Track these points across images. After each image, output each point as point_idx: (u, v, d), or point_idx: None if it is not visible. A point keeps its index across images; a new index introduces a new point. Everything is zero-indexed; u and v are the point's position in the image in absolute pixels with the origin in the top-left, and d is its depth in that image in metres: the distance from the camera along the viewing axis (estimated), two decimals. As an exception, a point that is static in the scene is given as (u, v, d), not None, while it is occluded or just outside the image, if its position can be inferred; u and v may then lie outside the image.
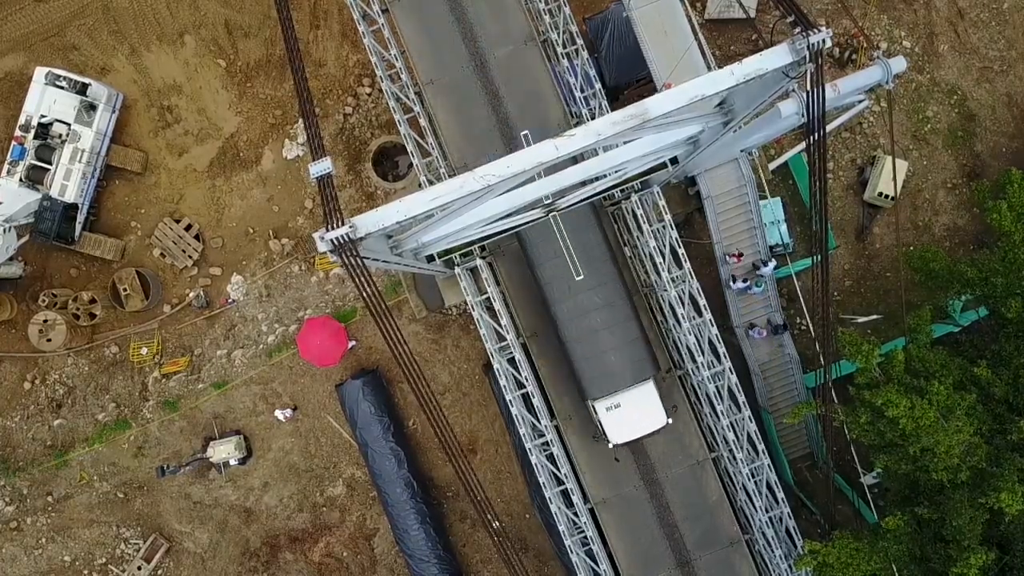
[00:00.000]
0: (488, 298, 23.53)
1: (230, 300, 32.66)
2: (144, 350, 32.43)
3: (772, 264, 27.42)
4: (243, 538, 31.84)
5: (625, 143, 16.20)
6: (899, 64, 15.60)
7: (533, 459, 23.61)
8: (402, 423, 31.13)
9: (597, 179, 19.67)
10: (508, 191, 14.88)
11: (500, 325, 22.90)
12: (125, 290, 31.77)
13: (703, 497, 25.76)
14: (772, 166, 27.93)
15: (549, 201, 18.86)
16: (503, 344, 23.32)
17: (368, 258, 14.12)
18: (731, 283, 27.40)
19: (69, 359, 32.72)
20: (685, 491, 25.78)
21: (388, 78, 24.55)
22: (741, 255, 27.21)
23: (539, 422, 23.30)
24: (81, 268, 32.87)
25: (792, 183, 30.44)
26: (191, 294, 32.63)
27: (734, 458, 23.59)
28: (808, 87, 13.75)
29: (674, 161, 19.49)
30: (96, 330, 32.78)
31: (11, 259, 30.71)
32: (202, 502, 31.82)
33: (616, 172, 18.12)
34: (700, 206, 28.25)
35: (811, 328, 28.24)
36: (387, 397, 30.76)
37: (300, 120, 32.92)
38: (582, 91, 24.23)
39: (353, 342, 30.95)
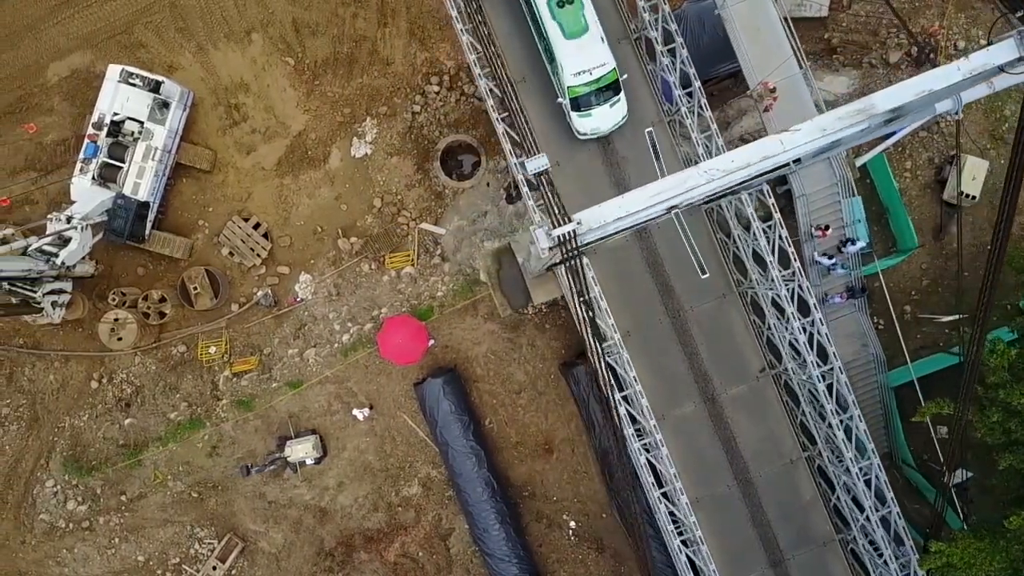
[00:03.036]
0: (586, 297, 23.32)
1: (298, 299, 32.51)
2: (212, 349, 32.28)
3: (860, 243, 27.28)
4: (318, 538, 31.72)
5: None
6: (1054, 62, 15.42)
7: (642, 459, 23.48)
8: (479, 422, 31.00)
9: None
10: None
11: (607, 324, 22.77)
12: (195, 289, 31.66)
13: (796, 496, 25.72)
14: (859, 162, 27.85)
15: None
16: (609, 344, 23.17)
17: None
18: (816, 259, 27.28)
19: (136, 358, 32.57)
20: (778, 490, 25.73)
21: (485, 76, 24.35)
22: (828, 228, 27.05)
23: (647, 421, 23.18)
24: (148, 267, 32.69)
25: (869, 182, 30.39)
26: (259, 293, 32.47)
27: (839, 458, 23.51)
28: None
29: (797, 160, 19.35)
30: (163, 329, 32.63)
31: (83, 258, 30.53)
32: (277, 502, 31.68)
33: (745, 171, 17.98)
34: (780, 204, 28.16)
35: (897, 326, 28.18)
36: (464, 396, 30.64)
37: (368, 119, 32.83)
38: (680, 88, 24.11)
39: (432, 340, 30.82)
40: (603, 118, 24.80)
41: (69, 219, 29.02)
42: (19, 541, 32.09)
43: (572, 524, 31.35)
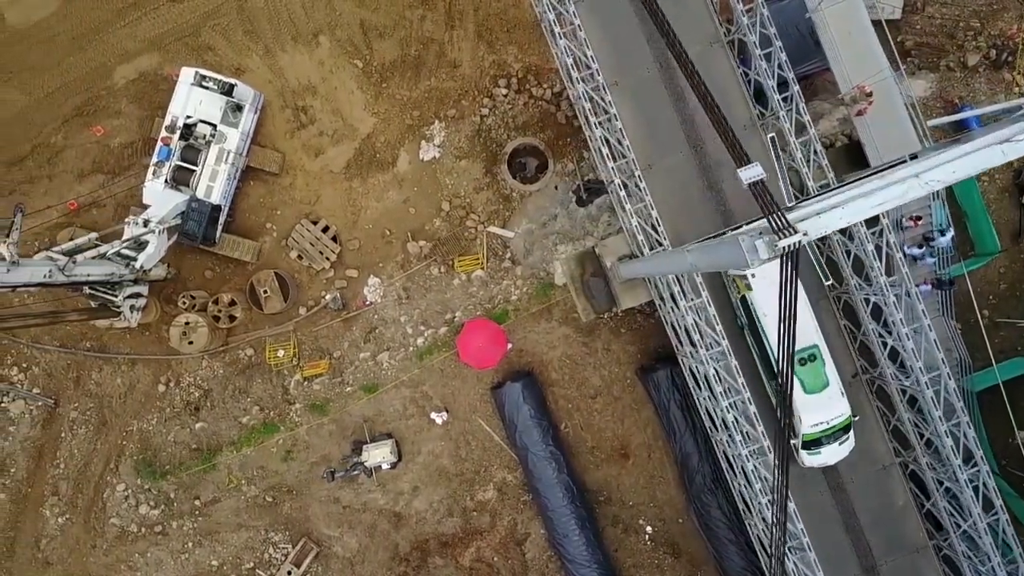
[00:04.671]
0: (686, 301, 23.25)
1: (367, 302, 32.39)
2: (281, 352, 32.16)
3: (950, 233, 27.14)
4: (392, 542, 31.59)
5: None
6: None
7: (750, 466, 23.33)
8: (555, 427, 30.87)
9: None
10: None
11: (715, 332, 22.65)
12: (265, 292, 31.54)
13: (889, 502, 25.62)
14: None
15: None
16: (713, 351, 23.02)
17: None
18: (905, 249, 27.16)
19: (203, 362, 32.45)
20: (871, 495, 25.63)
21: (582, 80, 24.21)
22: (920, 218, 26.94)
23: (755, 428, 23.02)
24: (215, 270, 32.56)
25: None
26: (327, 296, 32.34)
27: (943, 464, 23.38)
28: None
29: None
30: (231, 333, 32.49)
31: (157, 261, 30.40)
32: (351, 506, 31.54)
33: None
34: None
35: (983, 330, 28.08)
36: (542, 400, 30.51)
37: (437, 121, 32.68)
38: (776, 93, 23.98)
39: (510, 344, 30.69)
40: (831, 454, 25.05)
41: (146, 223, 28.90)
42: (90, 545, 31.97)
43: (648, 529, 31.23)
